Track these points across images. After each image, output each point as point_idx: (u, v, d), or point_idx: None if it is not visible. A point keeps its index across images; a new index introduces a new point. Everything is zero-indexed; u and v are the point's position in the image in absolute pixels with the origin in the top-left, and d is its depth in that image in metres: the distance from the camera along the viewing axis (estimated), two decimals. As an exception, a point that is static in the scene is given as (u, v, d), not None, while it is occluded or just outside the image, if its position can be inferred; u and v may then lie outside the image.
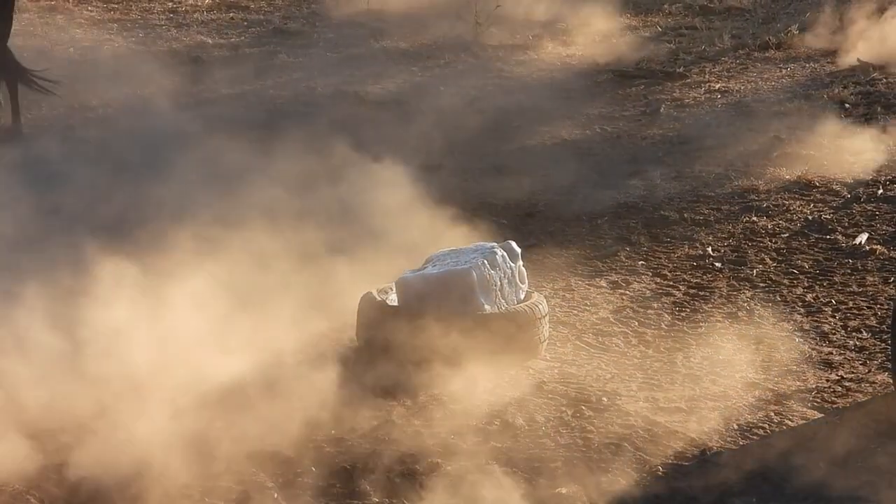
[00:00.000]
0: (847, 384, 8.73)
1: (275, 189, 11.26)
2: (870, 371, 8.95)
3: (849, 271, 10.73)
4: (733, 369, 8.93)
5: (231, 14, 19.42)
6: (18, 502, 7.09)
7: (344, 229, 10.45)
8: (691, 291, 10.33)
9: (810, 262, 10.90)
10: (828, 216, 11.91)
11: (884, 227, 11.65)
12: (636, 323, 9.71)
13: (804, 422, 8.23)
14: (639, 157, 13.77)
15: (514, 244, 9.33)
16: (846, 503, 7.33)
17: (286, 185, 11.33)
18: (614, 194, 12.53)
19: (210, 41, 17.94)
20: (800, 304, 10.09)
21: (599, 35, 18.33)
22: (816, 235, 11.48)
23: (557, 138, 14.44)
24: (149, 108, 14.64)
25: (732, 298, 10.19)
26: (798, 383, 8.73)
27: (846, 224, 11.72)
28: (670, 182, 12.89)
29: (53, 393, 7.80)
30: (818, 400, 8.50)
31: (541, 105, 15.45)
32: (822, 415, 8.33)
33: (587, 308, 9.97)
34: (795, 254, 11.08)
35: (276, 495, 7.20)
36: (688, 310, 9.97)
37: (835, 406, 8.43)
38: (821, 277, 10.58)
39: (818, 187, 12.67)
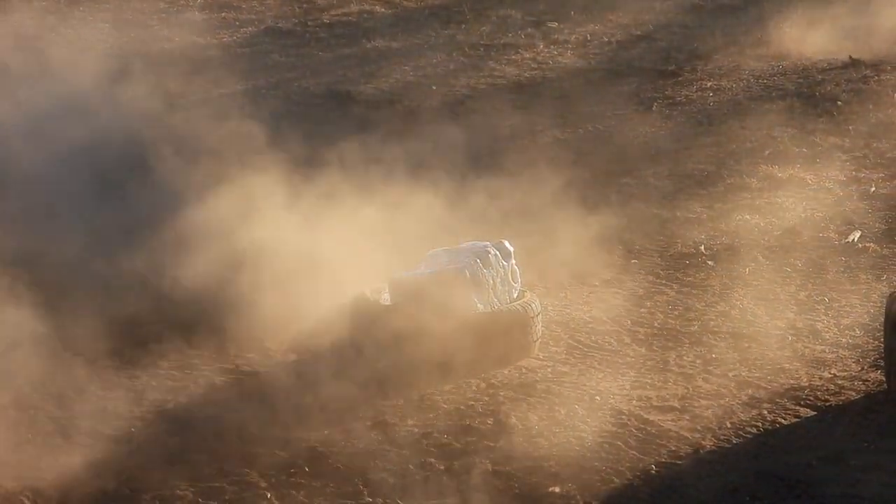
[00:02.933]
0: (840, 382, 8.72)
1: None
2: (863, 369, 8.94)
3: (841, 269, 10.73)
4: (726, 367, 8.93)
5: (223, 13, 19.40)
6: (11, 503, 7.09)
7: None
8: (684, 290, 10.33)
9: (803, 260, 10.90)
10: (820, 214, 11.91)
11: (876, 225, 11.65)
12: (629, 321, 9.71)
13: (797, 420, 8.23)
14: (631, 155, 13.77)
15: (507, 243, 9.33)
16: (840, 500, 7.33)
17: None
18: (606, 193, 12.53)
19: (202, 41, 17.92)
20: (792, 301, 10.09)
21: (591, 34, 18.32)
22: (809, 233, 11.48)
23: (549, 137, 14.44)
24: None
25: (725, 296, 10.19)
26: (791, 381, 8.73)
27: (839, 221, 11.72)
28: (663, 180, 12.89)
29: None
30: (811, 398, 8.49)
31: (532, 104, 15.44)
32: (816, 413, 8.32)
33: (580, 306, 9.97)
34: (788, 251, 11.08)
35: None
36: (680, 308, 9.97)
37: (828, 404, 8.43)
38: (814, 275, 10.58)
39: (811, 185, 12.68)
